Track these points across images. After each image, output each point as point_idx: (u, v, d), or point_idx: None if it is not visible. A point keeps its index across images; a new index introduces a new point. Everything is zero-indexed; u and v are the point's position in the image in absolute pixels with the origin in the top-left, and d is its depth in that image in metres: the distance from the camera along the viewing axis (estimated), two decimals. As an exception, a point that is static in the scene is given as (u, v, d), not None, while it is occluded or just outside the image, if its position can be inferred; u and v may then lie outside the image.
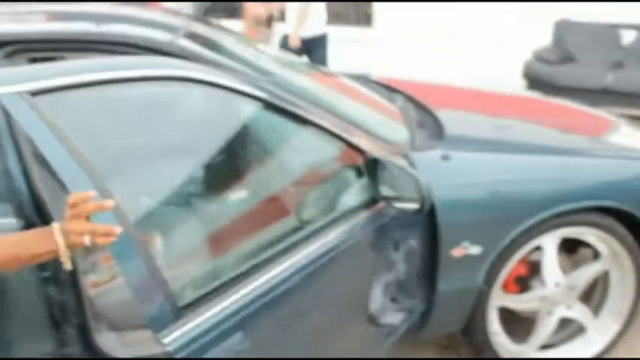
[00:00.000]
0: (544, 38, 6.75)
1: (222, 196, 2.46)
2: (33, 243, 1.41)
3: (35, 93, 1.76)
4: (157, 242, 2.13)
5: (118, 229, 1.43)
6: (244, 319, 1.78)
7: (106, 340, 2.37)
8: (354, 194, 2.21)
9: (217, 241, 2.23)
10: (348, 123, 2.35)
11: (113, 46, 2.39)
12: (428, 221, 2.32)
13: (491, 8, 6.91)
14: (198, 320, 1.70)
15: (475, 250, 2.39)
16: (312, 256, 1.98)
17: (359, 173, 2.23)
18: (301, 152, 2.38)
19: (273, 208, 2.30)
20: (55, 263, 2.23)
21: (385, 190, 2.16)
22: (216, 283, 1.84)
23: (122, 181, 2.13)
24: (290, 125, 2.15)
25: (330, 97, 2.72)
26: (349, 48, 7.16)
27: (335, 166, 2.30)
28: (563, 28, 6.77)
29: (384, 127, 2.56)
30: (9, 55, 2.32)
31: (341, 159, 2.27)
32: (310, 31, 5.93)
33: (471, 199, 2.39)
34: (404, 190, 2.10)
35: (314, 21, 5.98)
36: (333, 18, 8.24)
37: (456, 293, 2.47)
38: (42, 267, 2.13)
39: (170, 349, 1.61)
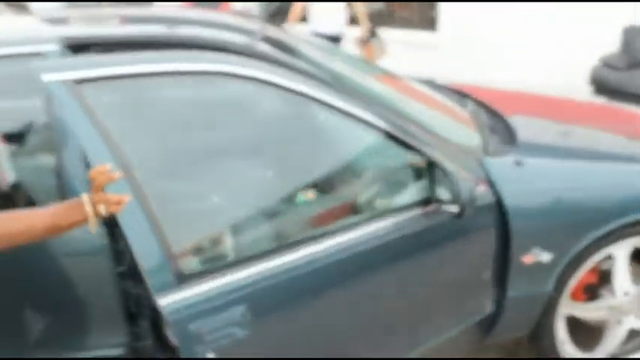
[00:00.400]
0: (609, 40, 6.62)
1: (286, 196, 2.51)
2: (69, 212, 1.59)
3: (79, 81, 1.89)
4: (228, 239, 2.17)
5: (127, 198, 1.62)
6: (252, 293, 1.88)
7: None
8: (410, 193, 2.25)
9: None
10: (417, 126, 2.36)
11: (189, 48, 2.44)
12: (501, 225, 2.32)
13: (557, 9, 6.80)
14: (200, 289, 1.82)
15: (546, 256, 2.37)
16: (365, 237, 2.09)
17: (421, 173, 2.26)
18: (368, 154, 2.40)
19: (336, 205, 2.34)
20: (131, 259, 2.33)
21: (442, 193, 2.18)
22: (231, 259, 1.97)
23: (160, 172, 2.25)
24: (354, 126, 2.20)
25: (400, 100, 2.73)
26: (413, 52, 7.15)
27: (398, 165, 2.32)
28: (631, 35, 6.62)
29: (456, 132, 2.57)
30: (94, 57, 2.40)
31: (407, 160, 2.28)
32: (326, 28, 5.97)
33: (543, 205, 2.38)
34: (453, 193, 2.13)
35: (330, 20, 6.08)
36: (397, 22, 8.25)
37: (525, 299, 2.47)
38: (118, 262, 2.21)
39: (166, 310, 1.74)
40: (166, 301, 1.76)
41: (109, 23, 2.97)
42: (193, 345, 1.78)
